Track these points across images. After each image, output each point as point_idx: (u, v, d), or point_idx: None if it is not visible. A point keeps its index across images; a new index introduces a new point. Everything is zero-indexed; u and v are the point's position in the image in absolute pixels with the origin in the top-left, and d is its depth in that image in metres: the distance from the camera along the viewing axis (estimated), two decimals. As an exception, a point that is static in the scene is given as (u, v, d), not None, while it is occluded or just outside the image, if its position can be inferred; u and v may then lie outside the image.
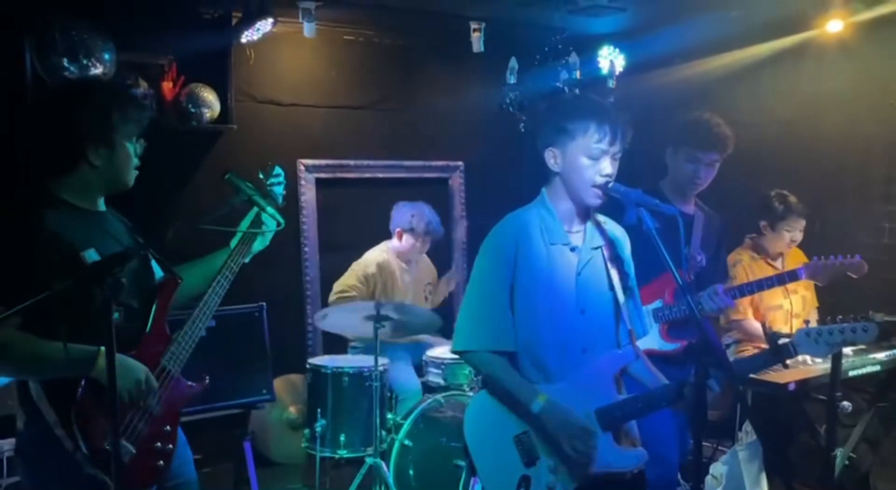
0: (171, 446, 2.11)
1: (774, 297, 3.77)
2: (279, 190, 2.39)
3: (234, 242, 2.28)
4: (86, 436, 1.90)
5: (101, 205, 2.14)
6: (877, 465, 3.71)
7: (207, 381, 2.21)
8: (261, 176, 2.37)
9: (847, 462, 3.60)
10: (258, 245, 2.31)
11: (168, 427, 2.11)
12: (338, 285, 4.25)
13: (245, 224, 2.28)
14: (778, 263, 3.85)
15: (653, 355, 2.56)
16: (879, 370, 3.51)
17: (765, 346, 2.35)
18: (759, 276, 3.69)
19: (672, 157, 3.09)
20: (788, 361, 3.45)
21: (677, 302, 2.97)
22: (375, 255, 4.33)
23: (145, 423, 2.04)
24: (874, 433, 3.70)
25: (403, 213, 4.31)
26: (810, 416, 3.61)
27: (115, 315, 1.90)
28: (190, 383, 2.18)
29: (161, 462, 2.08)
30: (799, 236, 3.79)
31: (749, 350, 3.74)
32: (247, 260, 2.31)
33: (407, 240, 4.31)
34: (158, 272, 2.19)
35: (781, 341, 2.20)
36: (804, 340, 2.18)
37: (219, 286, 2.20)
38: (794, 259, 3.87)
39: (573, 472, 2.12)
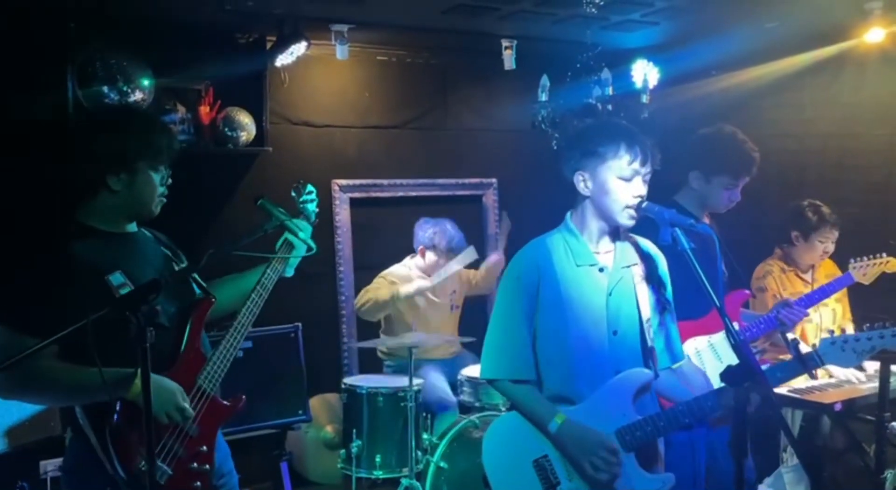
0: (207, 467, 2.11)
1: None
2: (312, 207, 2.42)
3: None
4: (121, 457, 1.92)
5: (132, 227, 2.16)
6: (930, 487, 3.57)
7: (244, 399, 2.22)
8: (293, 194, 2.40)
9: (898, 484, 3.48)
10: (289, 270, 2.33)
11: (205, 447, 2.11)
12: (365, 290, 4.26)
13: (277, 246, 2.30)
14: (808, 276, 3.74)
15: None
16: (931, 388, 3.40)
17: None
18: (790, 288, 3.63)
19: (702, 183, 2.96)
20: (834, 380, 3.44)
21: (743, 323, 2.93)
22: (397, 270, 4.33)
23: (181, 443, 2.05)
24: (927, 454, 3.57)
25: (425, 230, 4.33)
26: (858, 436, 3.50)
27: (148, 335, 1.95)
28: (226, 402, 2.18)
29: (198, 483, 2.08)
30: (831, 248, 3.68)
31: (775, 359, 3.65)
32: (288, 272, 2.32)
33: (430, 257, 4.32)
34: (197, 292, 2.22)
35: (805, 351, 2.14)
36: (829, 349, 2.12)
37: (252, 304, 2.21)
38: (825, 271, 3.77)
39: None
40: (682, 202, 2.97)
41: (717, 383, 2.61)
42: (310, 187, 2.44)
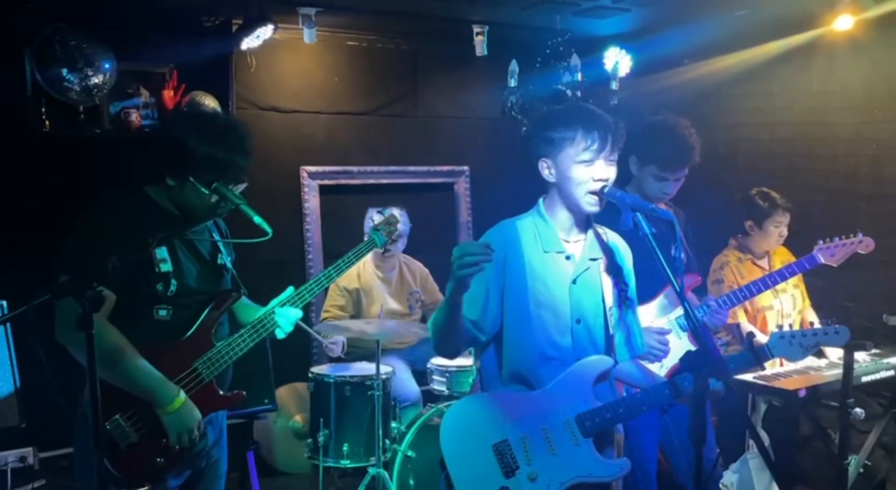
0: (176, 448, 2.12)
1: (764, 298, 3.66)
2: (380, 236, 2.71)
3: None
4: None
5: None
6: (893, 472, 3.61)
7: (244, 395, 2.30)
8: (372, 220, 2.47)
9: (862, 470, 3.51)
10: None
11: None
12: (324, 307, 4.24)
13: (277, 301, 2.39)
14: (764, 262, 3.75)
15: None
16: (894, 374, 3.43)
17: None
18: (748, 277, 3.63)
19: (638, 170, 2.97)
20: (800, 366, 3.45)
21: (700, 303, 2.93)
22: (355, 267, 4.16)
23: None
24: (890, 439, 3.61)
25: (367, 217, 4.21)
26: (823, 422, 3.53)
27: (164, 312, 2.10)
28: (222, 393, 2.24)
29: (160, 459, 2.10)
30: (786, 231, 3.70)
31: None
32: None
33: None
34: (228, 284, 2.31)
35: (756, 343, 2.20)
36: (779, 343, 2.20)
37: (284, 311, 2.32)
38: (780, 258, 3.79)
39: (553, 480, 2.08)
40: (630, 191, 2.93)
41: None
42: (391, 219, 2.68)
